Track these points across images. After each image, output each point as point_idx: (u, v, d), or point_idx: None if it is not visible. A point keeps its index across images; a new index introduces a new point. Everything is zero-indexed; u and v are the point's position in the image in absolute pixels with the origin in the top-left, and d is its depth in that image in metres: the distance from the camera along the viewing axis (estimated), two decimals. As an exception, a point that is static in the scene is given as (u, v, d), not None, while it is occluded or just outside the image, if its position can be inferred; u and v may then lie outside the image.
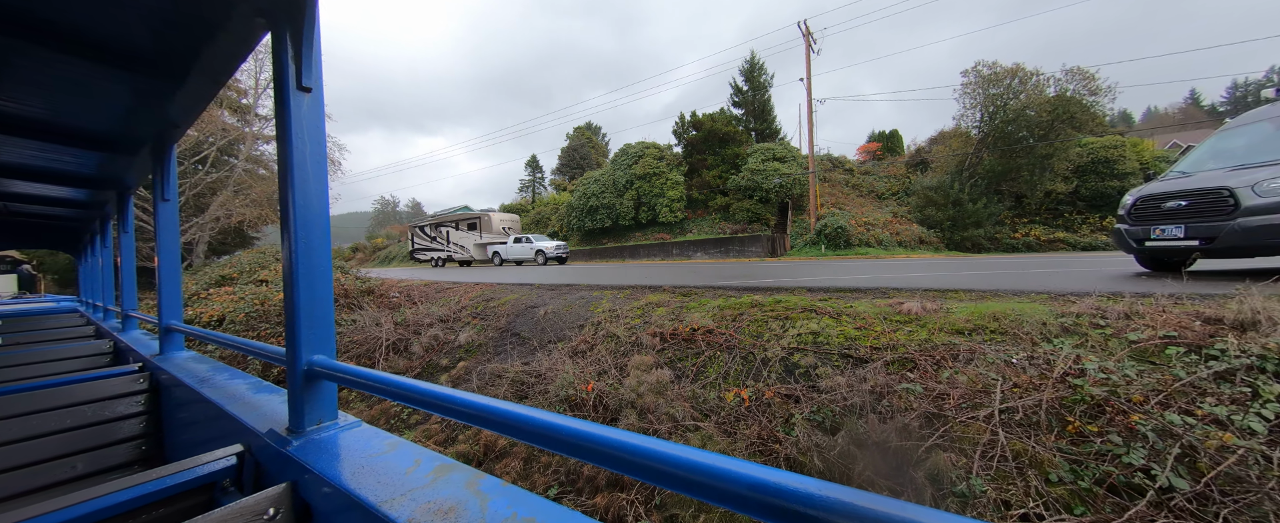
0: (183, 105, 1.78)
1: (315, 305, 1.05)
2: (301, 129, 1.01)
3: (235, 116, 19.90)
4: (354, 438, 1.00)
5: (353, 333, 7.49)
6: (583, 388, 4.15)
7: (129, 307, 3.36)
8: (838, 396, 2.96)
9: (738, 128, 23.69)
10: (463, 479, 0.79)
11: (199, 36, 1.31)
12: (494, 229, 21.74)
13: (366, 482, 0.80)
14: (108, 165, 2.72)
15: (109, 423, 1.73)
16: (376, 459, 0.88)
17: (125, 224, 3.42)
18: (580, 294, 7.33)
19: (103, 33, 1.30)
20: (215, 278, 11.36)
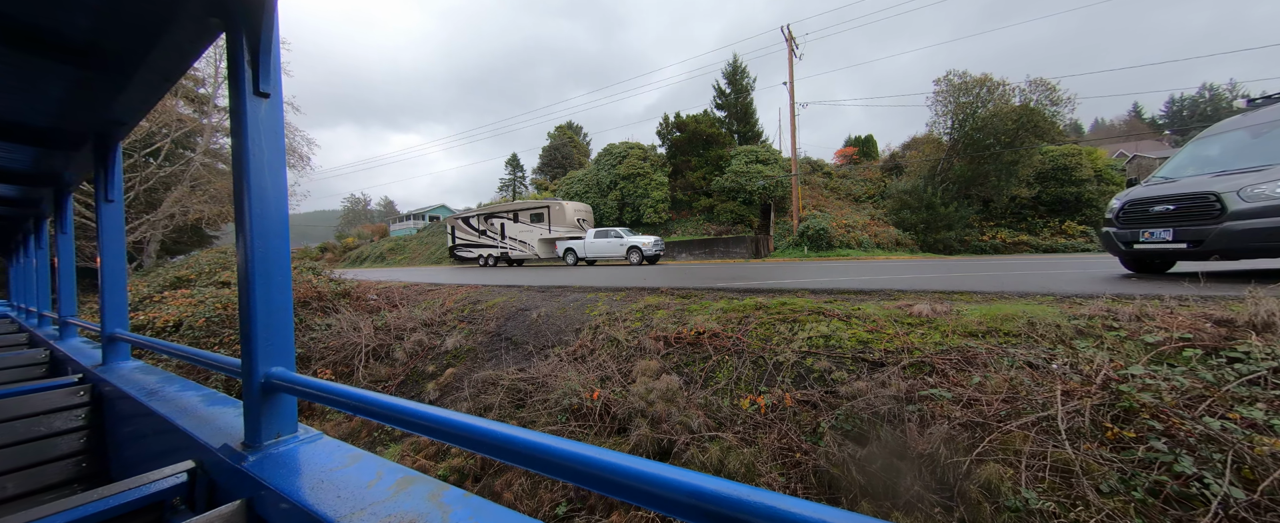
0: (129, 102, 1.66)
1: (273, 315, 1.00)
2: (259, 136, 0.96)
3: (191, 107, 18.54)
4: (314, 452, 0.95)
5: (329, 339, 7.00)
6: (587, 396, 3.93)
7: (67, 313, 3.11)
8: (861, 402, 2.87)
9: (721, 130, 23.82)
10: (425, 492, 0.76)
11: (146, 32, 1.22)
12: (567, 221, 17.56)
13: (326, 497, 0.76)
14: (44, 161, 2.52)
15: (44, 439, 1.60)
16: (337, 473, 0.84)
17: (63, 224, 3.18)
18: (573, 296, 7.09)
19: (37, 21, 1.18)
20: (170, 280, 10.48)
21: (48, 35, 1.26)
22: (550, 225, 17.77)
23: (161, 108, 15.78)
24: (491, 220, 20.14)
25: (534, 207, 18.55)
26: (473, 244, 20.93)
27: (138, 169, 16.64)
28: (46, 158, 2.45)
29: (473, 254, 21.12)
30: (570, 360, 4.89)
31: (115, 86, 1.56)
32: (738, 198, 21.05)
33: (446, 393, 5.35)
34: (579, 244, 16.92)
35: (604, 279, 9.20)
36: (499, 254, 19.76)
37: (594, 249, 16.50)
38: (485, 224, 20.33)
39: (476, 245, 20.75)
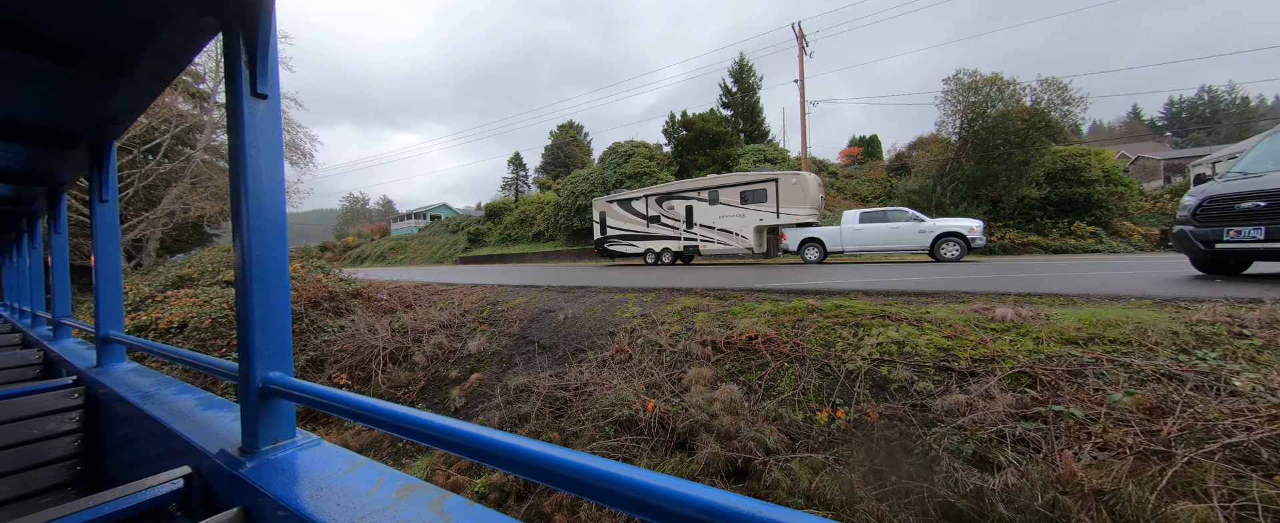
0: (124, 101, 1.63)
1: (271, 319, 0.97)
2: (256, 138, 0.94)
3: (191, 103, 18.04)
4: (313, 458, 0.92)
5: (343, 341, 6.63)
6: (641, 407, 3.60)
7: (61, 313, 3.03)
8: (966, 418, 2.55)
9: (728, 129, 23.52)
10: (426, 500, 0.72)
11: (140, 31, 1.20)
12: (807, 199, 11.96)
13: (325, 505, 0.73)
14: (37, 160, 2.48)
15: (38, 442, 1.56)
16: (336, 480, 0.81)
17: (57, 223, 3.15)
18: (599, 297, 6.75)
19: (29, 18, 1.16)
20: (172, 279, 10.06)
21: (37, 32, 1.22)
22: (778, 206, 12.21)
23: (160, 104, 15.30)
24: (669, 203, 14.51)
25: (748, 182, 12.93)
26: (635, 235, 15.46)
27: (136, 165, 16.15)
28: (39, 156, 2.39)
29: (634, 248, 15.63)
30: (605, 366, 4.56)
31: (109, 85, 1.52)
32: (746, 197, 20.78)
33: (475, 401, 5.01)
34: (831, 232, 11.40)
35: (627, 280, 8.86)
36: (681, 248, 14.29)
37: (862, 240, 10.96)
38: (659, 208, 14.70)
39: (642, 237, 15.21)
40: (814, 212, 12.25)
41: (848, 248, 11.34)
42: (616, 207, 16.33)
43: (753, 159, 21.23)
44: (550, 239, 27.90)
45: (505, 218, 31.46)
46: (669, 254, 14.90)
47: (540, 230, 28.70)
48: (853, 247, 11.28)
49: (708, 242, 13.72)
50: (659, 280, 8.13)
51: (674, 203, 14.51)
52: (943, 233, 10.06)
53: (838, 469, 2.55)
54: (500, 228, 31.19)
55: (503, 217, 31.73)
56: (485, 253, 29.07)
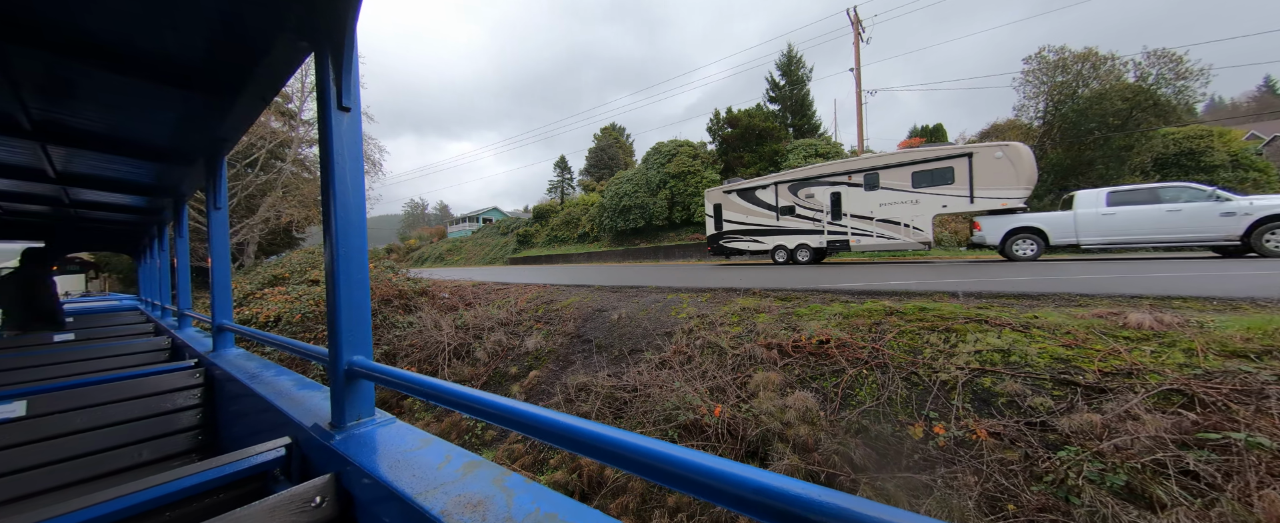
0: (233, 120, 1.85)
1: (355, 310, 1.07)
2: (342, 146, 1.03)
3: (281, 121, 20.16)
4: (390, 434, 1.00)
5: (412, 337, 7.03)
6: (706, 411, 3.45)
7: (184, 306, 3.43)
8: (1106, 443, 2.16)
9: (775, 124, 22.63)
10: (490, 476, 0.79)
11: (247, 58, 1.36)
12: (1019, 178, 8.85)
13: (402, 475, 0.80)
14: (165, 175, 2.85)
15: (169, 414, 1.80)
16: (411, 454, 0.88)
17: (180, 229, 3.55)
18: (652, 297, 6.67)
19: (161, 55, 1.36)
20: (268, 278, 11.22)
21: (168, 66, 1.43)
22: (972, 189, 9.26)
23: (258, 123, 17.23)
24: (807, 191, 11.78)
25: (924, 160, 9.94)
26: (761, 229, 12.83)
27: (239, 178, 18.27)
28: (167, 172, 2.75)
29: (760, 245, 12.95)
30: (667, 367, 4.44)
31: (222, 108, 1.71)
32: (796, 194, 19.87)
33: (535, 397, 5.09)
34: (1059, 221, 8.31)
35: (676, 279, 8.71)
36: (822, 244, 11.57)
37: (1113, 228, 7.85)
38: (794, 197, 12.04)
39: (769, 231, 12.62)
40: (1025, 193, 8.87)
41: (1087, 240, 8.03)
42: (736, 198, 13.42)
43: (802, 154, 20.28)
44: (594, 240, 28.34)
45: (552, 220, 32.37)
46: (806, 251, 12.03)
47: (585, 231, 29.23)
48: (1096, 238, 7.95)
49: (861, 235, 10.92)
50: (707, 281, 7.90)
51: (814, 190, 11.71)
52: (1263, 218, 6.62)
53: (944, 493, 2.26)
54: (547, 230, 32.13)
55: (549, 219, 32.68)
56: (533, 254, 30.07)
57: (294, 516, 0.83)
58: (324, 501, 0.88)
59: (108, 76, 1.49)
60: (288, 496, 0.84)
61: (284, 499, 0.84)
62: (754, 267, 12.44)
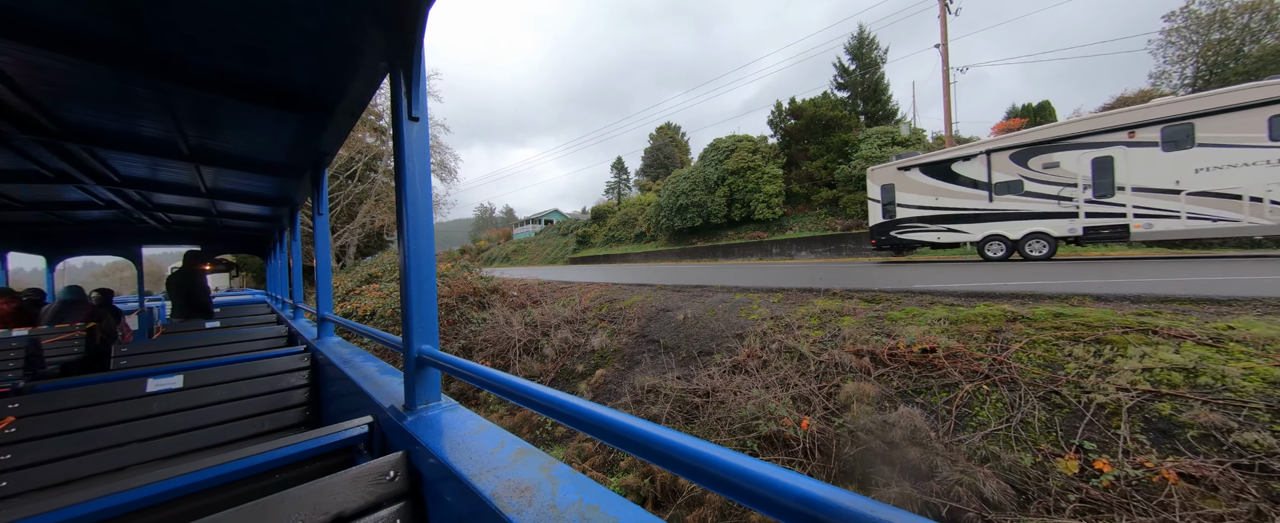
0: (330, 136, 2.12)
1: (423, 304, 1.15)
2: (412, 153, 1.12)
3: (375, 137, 22.57)
4: (452, 419, 1.07)
5: (486, 332, 7.39)
6: (789, 422, 3.14)
7: (297, 300, 3.88)
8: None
9: (844, 112, 20.96)
10: (537, 463, 0.83)
11: (340, 81, 1.61)
12: None
13: (462, 457, 0.86)
14: (282, 187, 3.32)
15: (284, 392, 2.03)
16: (469, 438, 0.94)
17: (294, 233, 3.98)
18: (718, 297, 6.39)
19: (278, 85, 1.67)
20: (364, 276, 12.54)
21: (282, 93, 1.73)
22: None
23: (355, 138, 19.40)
24: (1045, 158, 8.57)
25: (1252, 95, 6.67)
26: (963, 215, 9.63)
27: (341, 188, 20.72)
28: (284, 185, 3.23)
29: (958, 235, 9.75)
30: (740, 372, 4.16)
31: (322, 126, 1.97)
32: (870, 187, 18.24)
33: (602, 396, 5.06)
34: None
35: (740, 279, 8.32)
36: (1072, 231, 8.30)
37: None
38: (1021, 168, 8.86)
39: (978, 217, 9.41)
40: None
41: None
42: (918, 175, 10.07)
43: (878, 143, 18.58)
44: (651, 240, 28.35)
45: (609, 220, 32.93)
46: (1041, 242, 8.52)
47: (642, 231, 29.35)
48: None
49: (1158, 216, 7.41)
50: (779, 280, 7.41)
51: (1057, 157, 8.33)
52: None
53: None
54: (605, 230, 32.76)
55: (607, 219, 33.28)
56: (592, 254, 30.81)
57: (372, 486, 0.92)
58: (396, 475, 0.96)
59: (240, 106, 1.84)
60: (367, 468, 0.93)
61: (364, 471, 0.92)
62: (820, 263, 11.52)
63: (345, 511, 0.87)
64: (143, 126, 2.12)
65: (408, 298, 1.14)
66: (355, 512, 0.88)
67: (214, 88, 1.64)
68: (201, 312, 4.92)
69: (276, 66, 1.56)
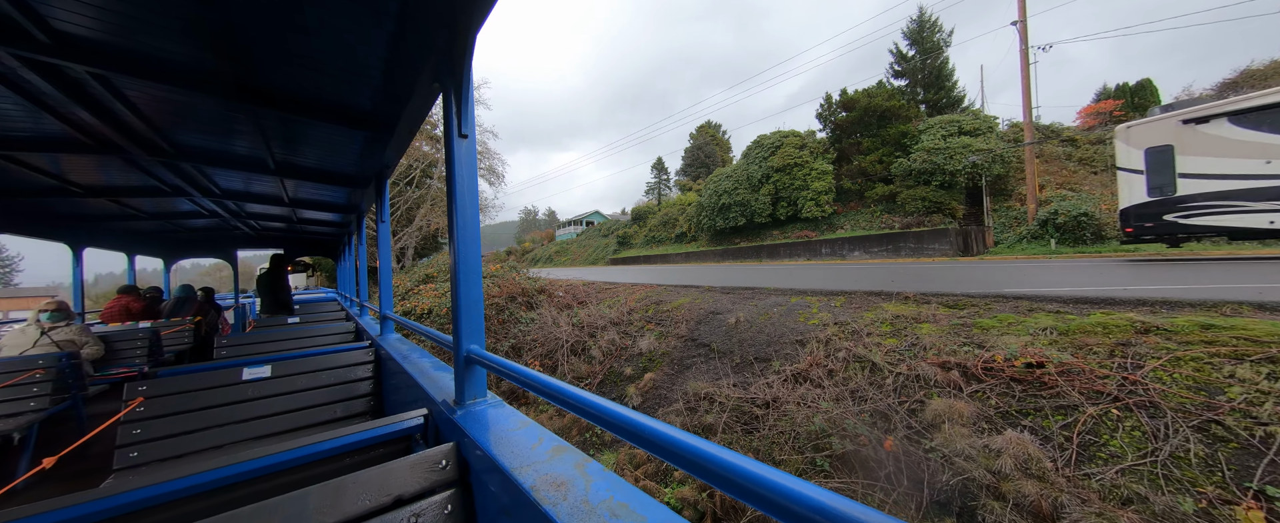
0: (392, 150, 2.30)
1: (472, 306, 1.23)
2: (461, 167, 1.21)
3: (430, 145, 23.96)
4: (497, 414, 1.13)
5: (534, 332, 7.50)
6: (865, 440, 2.83)
7: (363, 298, 4.24)
8: None
9: (902, 101, 19.49)
10: (573, 461, 0.87)
11: (401, 101, 1.80)
12: None
13: (503, 451, 0.92)
14: (351, 197, 3.68)
15: (353, 382, 2.17)
16: (511, 433, 1.00)
17: (361, 238, 4.28)
18: (772, 300, 6.05)
19: (350, 105, 1.94)
20: (422, 277, 13.25)
21: (353, 112, 1.95)
22: None
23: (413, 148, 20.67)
24: None
25: None
26: None
27: (401, 194, 22.16)
28: (353, 194, 3.56)
29: None
30: (804, 382, 3.86)
31: (385, 140, 2.14)
32: (932, 181, 16.82)
33: (652, 401, 4.92)
34: None
35: (796, 280, 7.88)
36: None
37: None
38: None
39: None
40: None
41: None
42: (1224, 129, 6.92)
43: (941, 133, 17.11)
44: (692, 240, 27.96)
45: (649, 221, 32.88)
46: None
47: (683, 231, 29.02)
48: None
49: None
50: (839, 283, 6.92)
51: None
52: None
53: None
54: (645, 231, 32.74)
55: (647, 220, 33.25)
56: (632, 254, 30.89)
57: (427, 473, 0.99)
58: (448, 464, 1.02)
59: (317, 125, 2.08)
60: (423, 456, 1.00)
61: (420, 459, 1.00)
62: (878, 264, 10.66)
63: (405, 494, 0.94)
64: (238, 146, 2.45)
65: (458, 301, 1.22)
66: (413, 495, 0.95)
67: (296, 110, 1.88)
68: (284, 308, 5.35)
69: (348, 91, 1.79)
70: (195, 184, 3.14)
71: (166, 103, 1.91)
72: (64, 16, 1.33)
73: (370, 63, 1.56)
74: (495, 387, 6.63)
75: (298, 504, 0.84)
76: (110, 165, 2.61)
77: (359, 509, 0.89)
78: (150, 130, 2.14)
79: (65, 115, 1.94)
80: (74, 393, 2.80)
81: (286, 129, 2.20)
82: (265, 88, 1.75)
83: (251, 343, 3.16)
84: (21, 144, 2.20)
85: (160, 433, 1.73)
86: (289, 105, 1.85)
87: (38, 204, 3.43)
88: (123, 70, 1.53)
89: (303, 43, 1.46)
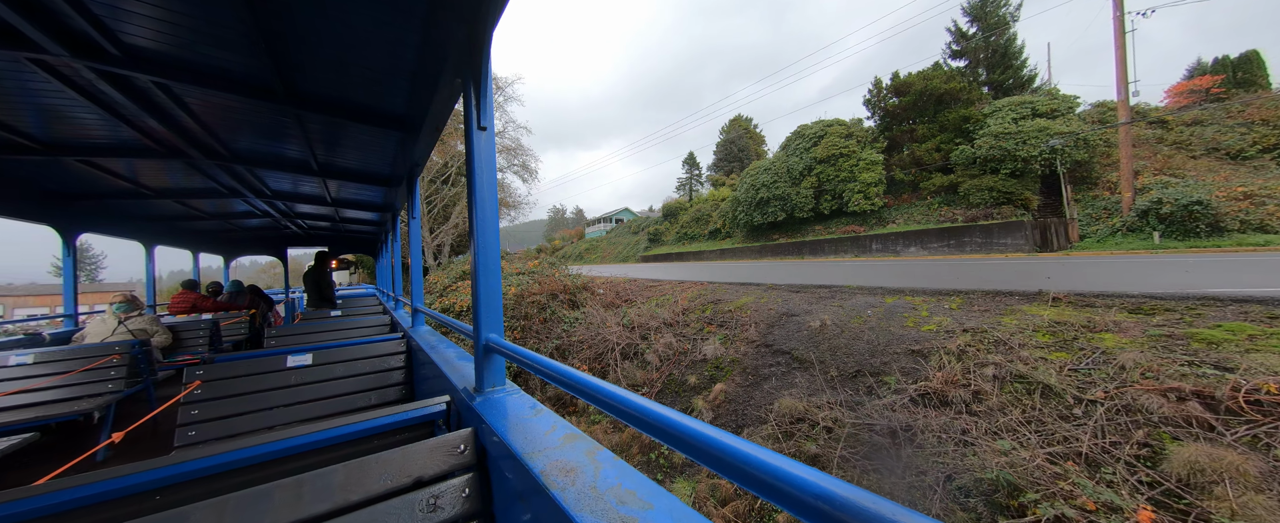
0: (421, 148, 2.41)
1: (490, 297, 1.24)
2: (480, 159, 1.24)
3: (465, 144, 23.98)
4: (513, 402, 1.15)
5: (580, 332, 6.90)
6: (1089, 503, 1.97)
7: (397, 294, 4.25)
8: None
9: (964, 83, 17.69)
10: (584, 448, 0.88)
11: (428, 98, 1.82)
12: None
13: (517, 437, 0.93)
14: (387, 196, 3.77)
15: (387, 372, 2.30)
16: (526, 421, 1.01)
17: (395, 235, 4.41)
18: (861, 300, 5.16)
19: (384, 107, 2.06)
20: (459, 273, 13.01)
21: (387, 114, 2.14)
22: None
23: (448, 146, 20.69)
24: None
25: None
26: None
27: (437, 192, 22.29)
28: (388, 194, 3.64)
29: None
30: (942, 405, 3.01)
31: (414, 140, 2.28)
32: (1001, 170, 15.13)
33: (727, 417, 4.17)
34: None
35: (876, 277, 6.90)
36: None
37: None
38: None
39: None
40: None
41: None
42: None
43: (1012, 116, 15.38)
44: (727, 236, 26.92)
45: (681, 217, 31.99)
46: None
47: (716, 228, 28.00)
48: None
49: None
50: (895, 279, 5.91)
51: None
52: None
53: None
54: (677, 227, 31.90)
55: (678, 216, 32.37)
56: (663, 251, 30.15)
57: (446, 456, 1.03)
58: (466, 448, 1.06)
59: (355, 127, 2.18)
60: (443, 440, 1.05)
61: (441, 443, 1.04)
62: (945, 260, 9.33)
63: (424, 475, 0.98)
64: (285, 148, 2.62)
65: (478, 292, 1.22)
66: (433, 477, 0.98)
67: (337, 112, 2.01)
68: (327, 302, 5.54)
69: (381, 91, 1.88)
70: (248, 186, 3.41)
71: (222, 109, 2.08)
72: (133, 31, 1.48)
73: (400, 64, 1.65)
74: (539, 392, 6.10)
75: (323, 481, 0.89)
76: (175, 169, 2.87)
77: (381, 488, 0.92)
78: (208, 136, 2.33)
79: (136, 123, 2.13)
80: (145, 377, 2.97)
81: (328, 132, 2.37)
82: (309, 93, 1.91)
83: (297, 334, 3.31)
84: (102, 150, 2.44)
85: (214, 414, 1.84)
86: (330, 109, 2.00)
87: (116, 205, 3.81)
88: (184, 79, 1.69)
89: (343, 47, 1.57)
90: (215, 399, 1.86)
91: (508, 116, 22.92)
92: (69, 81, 1.73)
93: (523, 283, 9.22)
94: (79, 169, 2.77)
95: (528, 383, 6.29)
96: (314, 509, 0.86)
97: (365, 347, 2.26)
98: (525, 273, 10.27)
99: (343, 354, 2.18)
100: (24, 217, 3.37)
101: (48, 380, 2.47)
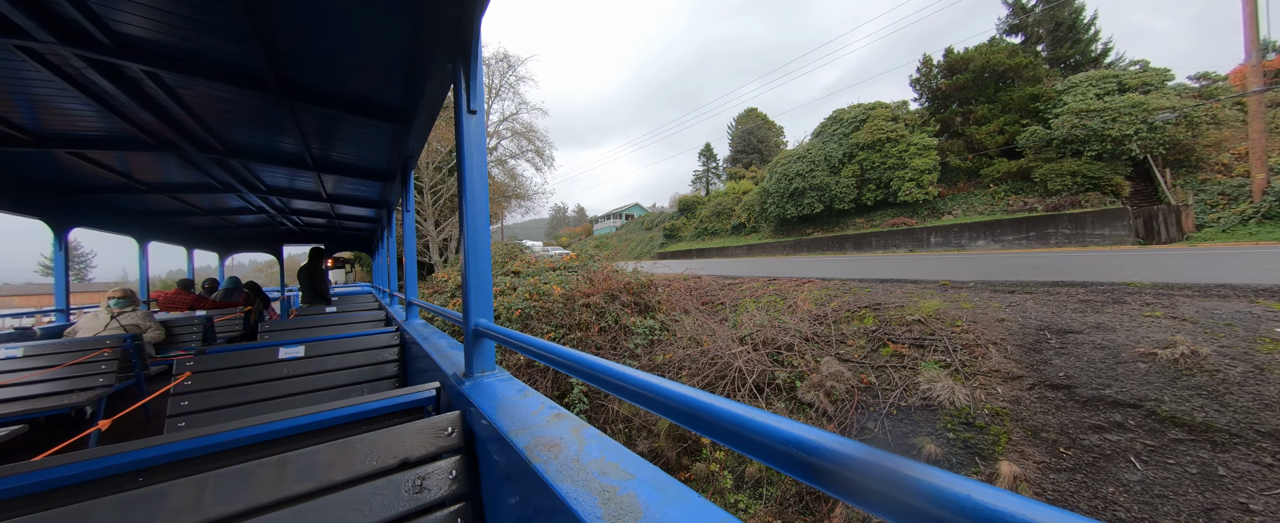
0: (414, 139, 2.37)
1: (479, 281, 1.23)
2: (470, 143, 1.20)
3: (470, 133, 21.64)
4: (502, 386, 1.14)
5: (671, 350, 4.75)
6: None
7: (392, 289, 4.30)
8: None
9: (1029, 59, 15.69)
10: (569, 425, 0.88)
11: (420, 86, 1.77)
12: None
13: (504, 417, 0.93)
14: (382, 191, 3.90)
15: (379, 364, 2.28)
16: (513, 402, 1.02)
17: (390, 232, 4.35)
18: (1195, 305, 3.06)
19: (378, 99, 2.04)
20: (477, 269, 10.85)
21: (381, 105, 2.11)
22: None
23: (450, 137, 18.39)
24: None
25: None
26: None
27: (444, 183, 19.96)
28: (384, 189, 3.77)
29: None
30: None
31: (407, 131, 2.28)
32: (1086, 151, 13.14)
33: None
34: None
35: (1080, 271, 4.80)
36: None
37: None
38: None
39: None
40: None
41: None
42: None
43: (1094, 91, 13.40)
44: (752, 231, 24.82)
45: (700, 211, 29.86)
46: None
47: (740, 222, 25.90)
48: None
49: None
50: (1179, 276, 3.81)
51: None
52: None
53: None
54: (695, 222, 29.78)
55: (696, 211, 30.24)
56: (681, 248, 28.02)
57: (433, 438, 1.01)
58: (454, 431, 1.05)
59: (348, 119, 2.27)
60: (431, 422, 1.04)
61: (429, 425, 1.03)
62: (1031, 254, 7.18)
63: (411, 457, 0.96)
64: (280, 142, 2.69)
65: (468, 277, 1.21)
66: (419, 459, 0.97)
67: (330, 104, 2.03)
68: (322, 299, 5.26)
69: (372, 82, 1.89)
70: (243, 181, 3.41)
71: (215, 100, 2.09)
72: (123, 18, 1.45)
73: (392, 51, 1.64)
74: (563, 400, 4.06)
75: (307, 460, 0.88)
76: (168, 162, 2.85)
77: (366, 469, 0.92)
78: (201, 128, 2.35)
79: (128, 114, 2.14)
80: (137, 372, 2.89)
81: (322, 124, 2.38)
82: (302, 84, 1.89)
83: (290, 328, 3.17)
84: (93, 142, 2.45)
85: (204, 405, 1.79)
86: (323, 100, 2.00)
87: (109, 200, 3.77)
88: (175, 69, 1.67)
89: (337, 37, 1.56)
90: (206, 390, 1.84)
91: (520, 98, 20.63)
92: (58, 70, 1.73)
93: (568, 281, 7.09)
94: (71, 161, 2.74)
95: (535, 383, 4.68)
96: (297, 488, 0.84)
97: (358, 339, 2.24)
98: (566, 268, 8.09)
99: (335, 346, 2.16)
100: (14, 210, 3.31)
101: (36, 374, 2.39)
